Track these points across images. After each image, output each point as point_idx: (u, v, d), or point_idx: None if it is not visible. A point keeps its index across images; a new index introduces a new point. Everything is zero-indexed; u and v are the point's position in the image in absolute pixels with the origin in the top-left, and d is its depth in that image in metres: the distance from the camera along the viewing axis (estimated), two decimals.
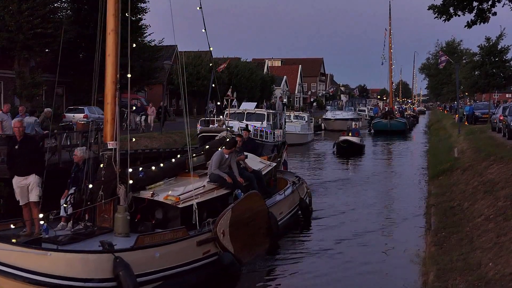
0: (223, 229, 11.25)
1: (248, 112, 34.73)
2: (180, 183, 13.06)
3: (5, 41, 33.55)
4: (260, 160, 17.00)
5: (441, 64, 39.99)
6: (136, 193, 11.60)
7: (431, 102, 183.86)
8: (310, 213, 17.17)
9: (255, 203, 12.78)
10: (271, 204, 14.19)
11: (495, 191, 13.66)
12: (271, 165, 16.86)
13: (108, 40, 12.98)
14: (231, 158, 13.69)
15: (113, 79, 12.78)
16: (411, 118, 74.55)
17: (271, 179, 16.39)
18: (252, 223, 12.44)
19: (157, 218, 11.72)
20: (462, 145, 27.10)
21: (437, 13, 19.59)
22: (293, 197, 16.20)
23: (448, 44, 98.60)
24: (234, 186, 13.19)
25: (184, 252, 10.42)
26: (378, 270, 12.15)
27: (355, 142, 36.28)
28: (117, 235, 10.67)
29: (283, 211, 15.03)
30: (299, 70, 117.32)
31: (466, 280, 8.73)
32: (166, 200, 11.56)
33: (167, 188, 12.43)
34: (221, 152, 13.67)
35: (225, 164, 13.50)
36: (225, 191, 13.15)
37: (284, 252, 13.58)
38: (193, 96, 61.16)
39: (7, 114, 19.12)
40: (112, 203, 11.23)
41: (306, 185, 18.28)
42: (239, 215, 11.85)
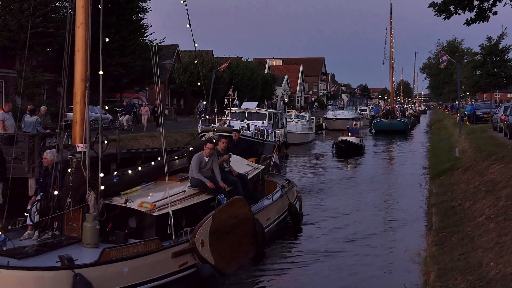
0: (202, 238, 10.43)
1: (249, 111, 34.75)
2: (159, 188, 11.98)
3: (6, 41, 33.59)
4: (247, 163, 15.86)
5: (443, 64, 40.00)
6: (108, 199, 10.77)
7: (432, 101, 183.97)
8: (300, 218, 16.24)
9: (239, 210, 11.92)
10: (257, 210, 13.30)
11: (496, 190, 13.65)
12: (258, 168, 15.66)
13: (78, 34, 11.84)
14: (213, 161, 12.73)
15: (82, 76, 11.90)
16: (412, 117, 74.48)
17: (258, 182, 15.12)
18: (235, 231, 11.62)
19: (131, 227, 10.73)
20: (463, 145, 27.09)
21: (437, 11, 19.57)
22: (281, 201, 15.24)
23: (449, 44, 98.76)
24: (217, 191, 12.19)
25: (157, 266, 9.56)
26: (379, 270, 12.13)
27: (354, 143, 35.69)
28: (86, 246, 9.90)
29: (270, 217, 14.13)
30: (300, 69, 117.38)
31: (467, 279, 8.73)
32: (140, 208, 10.64)
33: (144, 194, 11.49)
34: (199, 155, 12.66)
35: (206, 167, 12.57)
36: (207, 196, 12.14)
37: (271, 261, 12.74)
38: (194, 95, 61.25)
39: (9, 114, 19.12)
40: (81, 210, 10.41)
41: (297, 188, 17.42)
42: (221, 222, 11.04)
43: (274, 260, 12.82)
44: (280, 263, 12.63)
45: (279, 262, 12.75)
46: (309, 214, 17.39)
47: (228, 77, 63.40)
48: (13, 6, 33.69)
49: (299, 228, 15.76)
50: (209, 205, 11.94)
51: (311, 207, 18.42)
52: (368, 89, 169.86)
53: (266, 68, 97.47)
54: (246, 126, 30.74)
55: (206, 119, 32.40)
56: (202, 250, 10.40)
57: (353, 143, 35.56)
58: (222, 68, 42.24)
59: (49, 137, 20.43)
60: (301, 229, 15.76)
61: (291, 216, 15.69)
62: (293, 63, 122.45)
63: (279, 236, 14.59)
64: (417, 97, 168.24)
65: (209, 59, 63.25)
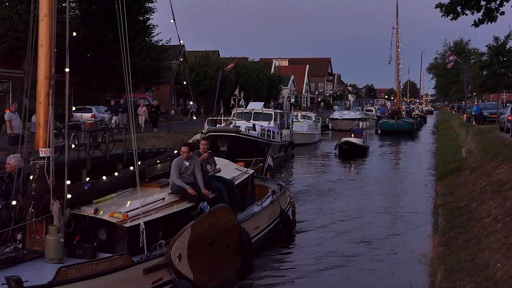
0: (179, 251, 9.52)
1: (255, 111, 34.79)
2: (136, 195, 10.80)
3: (14, 41, 33.70)
4: (235, 167, 14.87)
5: (450, 64, 39.90)
6: (76, 209, 9.87)
7: (439, 102, 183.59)
8: (293, 225, 15.35)
9: (222, 218, 10.93)
10: (245, 218, 12.42)
11: (503, 191, 13.61)
12: (247, 172, 14.57)
13: (41, 28, 10.53)
14: (194, 166, 11.79)
15: (46, 74, 10.66)
16: (418, 118, 74.23)
17: (247, 188, 14.08)
18: (218, 242, 10.64)
19: (100, 240, 9.74)
20: (470, 145, 27.03)
21: (445, 12, 19.55)
22: (272, 208, 14.35)
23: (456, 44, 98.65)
24: (199, 199, 11.34)
25: (126, 284, 8.67)
26: (385, 270, 12.12)
27: (357, 144, 34.81)
28: (48, 262, 8.96)
29: (259, 225, 13.28)
30: (307, 69, 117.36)
31: (474, 280, 8.70)
32: (111, 218, 9.63)
33: (119, 202, 10.70)
34: (178, 160, 11.75)
35: (186, 172, 11.65)
36: (189, 204, 11.22)
37: (258, 274, 11.85)
38: (201, 95, 61.32)
39: (15, 113, 19.20)
40: (44, 222, 9.44)
41: (290, 193, 16.51)
42: (201, 233, 10.11)
43: (261, 273, 11.96)
44: (268, 276, 11.80)
45: (268, 275, 11.90)
46: (305, 220, 16.75)
47: (234, 77, 63.48)
48: (20, 6, 33.80)
49: (292, 236, 14.91)
50: (190, 214, 10.99)
51: (309, 211, 17.98)
52: (374, 90, 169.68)
53: (272, 68, 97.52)
54: (252, 126, 30.77)
55: (211, 119, 32.46)
56: (179, 264, 9.51)
57: (356, 144, 34.73)
58: (228, 69, 42.30)
59: (55, 137, 20.52)
60: (294, 237, 14.97)
61: (283, 224, 14.71)
62: (299, 63, 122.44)
63: (269, 245, 13.73)
64: (423, 98, 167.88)
65: (215, 60, 63.31)
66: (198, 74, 59.24)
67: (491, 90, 60.40)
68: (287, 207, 15.52)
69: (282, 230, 14.78)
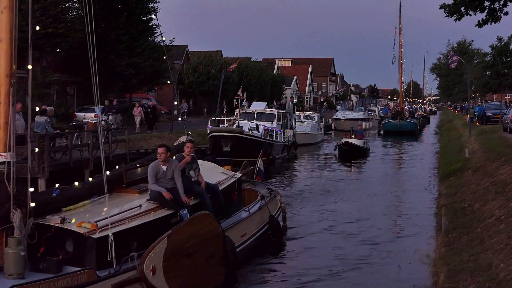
0: (153, 264, 8.73)
1: (258, 112, 34.79)
2: (112, 202, 10.15)
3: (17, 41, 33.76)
4: (222, 171, 13.96)
5: (453, 64, 39.81)
6: (42, 218, 9.04)
7: (442, 102, 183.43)
8: (283, 232, 14.57)
9: (204, 227, 10.07)
10: (230, 225, 11.59)
11: (507, 191, 13.59)
12: (234, 176, 13.74)
13: (0, 21, 9.41)
14: (174, 170, 10.97)
15: (7, 72, 9.35)
16: (421, 118, 74.08)
17: (233, 193, 13.36)
18: (199, 252, 9.83)
19: (67, 252, 8.89)
20: (473, 146, 26.98)
21: (448, 13, 19.55)
22: (261, 214, 13.42)
23: (459, 44, 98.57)
24: (179, 205, 10.60)
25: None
26: (388, 271, 12.11)
27: (357, 145, 34.39)
28: (7, 277, 8.21)
29: (246, 232, 12.39)
30: (310, 70, 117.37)
31: (477, 281, 8.69)
32: (79, 228, 8.79)
33: (91, 210, 9.83)
34: (155, 164, 10.94)
35: (165, 177, 10.86)
36: (167, 212, 10.42)
37: (244, 285, 11.24)
38: (204, 96, 61.38)
39: (19, 113, 19.22)
40: (4, 233, 8.61)
41: (280, 198, 15.56)
42: (180, 243, 9.30)
43: (247, 285, 11.29)
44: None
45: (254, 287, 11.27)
46: (299, 225, 16.08)
47: (237, 77, 63.51)
48: (23, 6, 33.85)
49: (282, 244, 14.09)
50: (169, 222, 10.16)
51: (304, 215, 17.54)
52: (377, 90, 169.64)
53: (275, 68, 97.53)
54: (255, 126, 30.78)
55: (214, 120, 32.48)
56: (153, 279, 8.72)
57: (356, 145, 34.33)
58: (231, 69, 42.36)
59: (58, 137, 20.59)
60: (285, 244, 14.17)
61: (273, 231, 13.83)
62: (302, 63, 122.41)
63: (257, 254, 12.94)
64: (426, 98, 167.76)
65: (218, 60, 63.35)
66: (201, 74, 59.31)
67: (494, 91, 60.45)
68: (278, 212, 14.69)
69: (271, 237, 13.92)
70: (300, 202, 19.62)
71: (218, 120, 32.21)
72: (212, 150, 28.79)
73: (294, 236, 14.95)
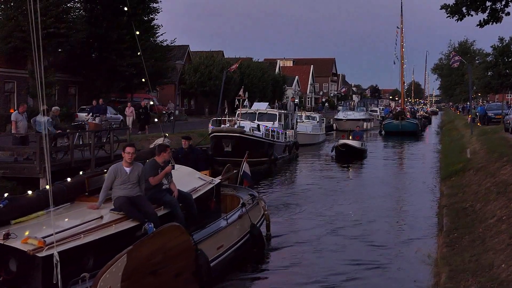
0: (109, 285, 7.67)
1: (259, 112, 34.81)
2: (71, 212, 9.31)
3: (18, 41, 33.82)
4: (199, 176, 12.74)
5: (455, 64, 39.71)
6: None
7: (444, 102, 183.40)
8: (267, 242, 13.54)
9: (172, 240, 9.00)
10: (204, 236, 10.45)
11: (508, 192, 13.57)
12: (212, 182, 12.61)
13: None
14: (138, 174, 9.85)
15: None
16: (422, 119, 73.99)
17: (211, 200, 12.21)
18: (166, 269, 8.79)
19: (10, 272, 7.86)
20: (474, 146, 26.96)
21: (450, 13, 19.55)
22: (240, 223, 12.30)
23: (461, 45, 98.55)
24: (145, 216, 9.51)
25: None
26: (389, 271, 12.10)
27: (355, 146, 33.62)
28: None
29: (223, 244, 11.25)
30: (311, 70, 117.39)
31: (478, 281, 8.69)
32: (23, 245, 7.69)
33: (43, 223, 8.67)
34: (116, 166, 9.79)
35: (128, 182, 9.66)
36: (132, 224, 9.30)
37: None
38: (205, 96, 61.40)
39: (23, 115, 19.25)
40: None
41: (264, 204, 14.43)
42: (142, 260, 8.29)
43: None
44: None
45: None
46: (287, 232, 15.15)
47: (238, 77, 63.53)
48: (25, 7, 33.90)
49: (265, 255, 13.06)
50: (134, 236, 9.07)
51: (293, 221, 16.70)
52: (379, 90, 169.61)
53: (277, 68, 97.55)
54: (256, 127, 30.79)
55: (216, 120, 32.49)
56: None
57: (354, 146, 33.62)
58: (232, 69, 42.36)
59: (60, 137, 20.61)
60: (268, 255, 13.17)
61: (254, 241, 12.63)
62: (303, 63, 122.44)
63: (236, 268, 11.86)
64: (428, 98, 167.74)
65: (219, 60, 63.38)
66: (203, 75, 59.34)
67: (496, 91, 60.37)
68: (260, 220, 13.67)
69: (253, 248, 12.69)
70: (292, 206, 18.98)
71: (220, 120, 32.22)
72: (214, 150, 28.80)
73: (280, 246, 13.91)
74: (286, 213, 17.76)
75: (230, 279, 11.30)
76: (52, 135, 18.83)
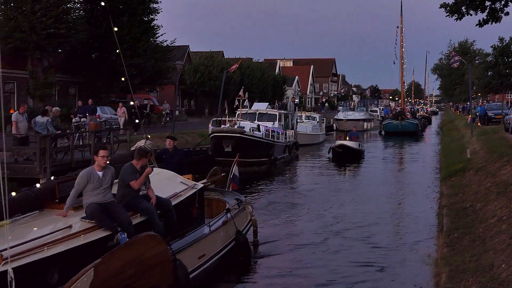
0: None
1: (259, 112, 34.81)
2: (37, 221, 8.63)
3: (18, 42, 33.83)
4: (181, 180, 11.89)
5: (455, 64, 39.69)
6: None
7: (444, 102, 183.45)
8: (252, 249, 12.81)
9: (147, 251, 8.25)
10: (184, 245, 9.74)
11: (508, 192, 13.57)
12: (195, 187, 11.73)
13: None
14: (110, 179, 9.25)
15: None
16: (422, 119, 73.93)
17: (193, 206, 11.40)
18: (140, 283, 8.08)
19: None
20: (474, 146, 26.96)
21: (449, 12, 19.55)
22: (225, 230, 11.52)
23: (461, 45, 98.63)
24: (119, 224, 8.89)
25: None
26: (389, 271, 12.09)
27: (352, 147, 32.95)
28: None
29: (206, 253, 10.47)
30: (311, 70, 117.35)
31: (478, 281, 8.69)
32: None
33: (10, 233, 7.57)
34: (88, 170, 9.18)
35: (101, 186, 9.05)
36: (103, 233, 8.61)
37: None
38: (205, 96, 61.40)
39: (23, 115, 19.27)
40: None
41: (251, 210, 13.67)
42: (112, 274, 7.54)
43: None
44: None
45: None
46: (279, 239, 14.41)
47: (238, 78, 63.54)
48: (25, 7, 33.92)
49: (251, 264, 12.37)
50: (106, 247, 8.38)
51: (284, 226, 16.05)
52: (379, 90, 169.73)
53: (277, 69, 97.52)
54: (256, 127, 30.79)
55: (216, 120, 32.50)
56: None
57: (351, 147, 32.91)
58: (232, 69, 42.37)
59: (60, 137, 20.62)
60: (256, 263, 12.47)
61: (239, 248, 11.94)
62: (303, 63, 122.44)
63: (219, 278, 11.18)
64: (428, 98, 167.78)
65: (219, 60, 63.39)
66: (203, 75, 59.34)
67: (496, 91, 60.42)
68: (247, 227, 12.99)
69: (238, 256, 12.06)
70: (288, 209, 18.56)
71: (220, 121, 32.23)
72: (214, 151, 28.82)
73: (268, 253, 13.17)
74: (280, 216, 17.29)
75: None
76: (52, 135, 18.85)
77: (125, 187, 9.68)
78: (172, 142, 14.00)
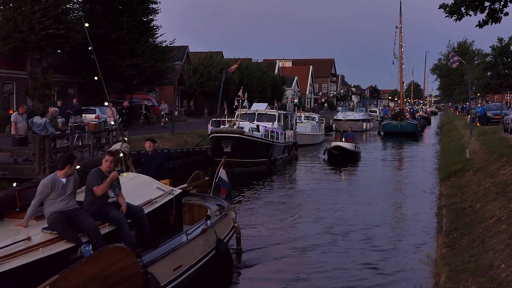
0: None
1: (259, 112, 34.83)
2: None
3: (18, 42, 33.81)
4: (157, 186, 10.95)
5: (455, 64, 39.69)
6: None
7: (443, 103, 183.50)
8: (233, 259, 12.17)
9: (115, 264, 7.54)
10: (158, 257, 9.01)
11: (507, 192, 13.57)
12: (172, 192, 10.81)
13: None
14: (74, 186, 8.65)
15: None
16: (422, 119, 73.91)
17: (169, 213, 10.52)
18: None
19: None
20: (474, 146, 26.97)
21: (448, 13, 19.55)
22: (204, 238, 10.76)
23: (460, 45, 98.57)
24: (86, 234, 8.24)
25: None
26: (388, 271, 12.09)
27: (347, 149, 32.27)
28: None
29: (182, 264, 9.70)
30: (310, 70, 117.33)
31: (478, 281, 8.69)
32: None
33: None
34: (52, 177, 8.46)
35: (65, 194, 8.42)
36: (66, 245, 7.87)
37: None
38: (205, 96, 61.39)
39: (22, 116, 19.25)
40: None
41: (234, 216, 12.88)
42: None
43: None
44: None
45: None
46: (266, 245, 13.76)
47: (238, 78, 63.53)
48: (24, 8, 33.90)
49: (233, 273, 11.77)
50: (68, 261, 7.61)
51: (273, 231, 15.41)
52: (378, 91, 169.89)
53: (276, 69, 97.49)
54: (256, 127, 30.79)
55: (215, 120, 32.49)
56: None
57: (346, 149, 32.24)
58: (232, 70, 42.40)
59: (59, 138, 20.61)
60: (238, 273, 11.86)
61: (220, 258, 11.17)
62: (303, 64, 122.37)
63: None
64: (427, 99, 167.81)
65: (219, 60, 63.38)
66: (202, 75, 59.33)
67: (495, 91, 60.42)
68: (229, 234, 12.21)
69: (218, 266, 11.36)
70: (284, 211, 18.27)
71: (219, 121, 32.23)
72: (213, 151, 28.82)
73: (252, 262, 12.49)
74: (273, 219, 16.87)
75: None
76: (52, 136, 18.84)
77: (92, 193, 9.03)
78: (152, 144, 13.30)
